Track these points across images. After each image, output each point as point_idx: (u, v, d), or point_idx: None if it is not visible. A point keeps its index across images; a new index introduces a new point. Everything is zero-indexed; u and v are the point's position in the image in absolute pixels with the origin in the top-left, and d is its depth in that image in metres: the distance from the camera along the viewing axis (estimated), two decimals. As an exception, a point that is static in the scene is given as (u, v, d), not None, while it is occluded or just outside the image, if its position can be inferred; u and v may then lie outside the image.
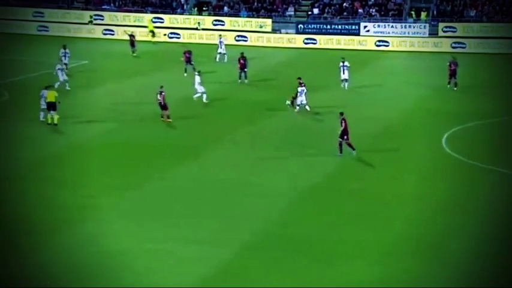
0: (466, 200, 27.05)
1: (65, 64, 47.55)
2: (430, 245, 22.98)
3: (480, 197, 27.43)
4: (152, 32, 64.39)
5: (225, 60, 53.90)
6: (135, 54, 57.03)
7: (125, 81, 47.76)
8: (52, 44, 50.28)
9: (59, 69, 43.22)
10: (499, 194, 27.68)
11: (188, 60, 49.25)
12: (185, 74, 48.33)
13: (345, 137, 31.36)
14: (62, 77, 42.96)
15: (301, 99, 38.87)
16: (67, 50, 48.77)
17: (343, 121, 31.35)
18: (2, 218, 24.48)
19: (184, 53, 49.71)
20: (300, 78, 39.51)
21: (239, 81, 47.00)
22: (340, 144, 31.48)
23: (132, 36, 57.90)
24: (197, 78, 40.95)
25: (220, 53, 54.61)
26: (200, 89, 40.75)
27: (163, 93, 36.76)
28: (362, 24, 63.76)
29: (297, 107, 39.08)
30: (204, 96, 40.82)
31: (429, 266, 21.51)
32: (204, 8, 69.74)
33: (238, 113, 39.68)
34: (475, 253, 22.59)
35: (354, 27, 63.97)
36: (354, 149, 31.56)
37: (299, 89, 38.95)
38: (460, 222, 24.77)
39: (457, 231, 24.05)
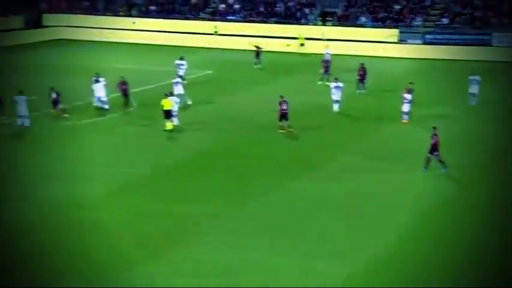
0: None
1: (180, 76, 47.40)
2: None
3: None
4: (302, 44, 64.31)
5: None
6: (260, 66, 56.49)
7: (248, 91, 47.74)
8: (177, 54, 50.80)
9: (175, 82, 41.84)
10: None
11: (327, 70, 49.37)
12: (319, 83, 48.96)
13: (436, 152, 30.06)
14: (178, 91, 41.21)
15: (405, 107, 37.91)
16: (183, 62, 48.68)
17: (434, 136, 30.11)
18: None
19: (321, 62, 50.35)
20: (410, 84, 38.99)
21: (357, 91, 46.06)
22: (428, 160, 30.25)
23: (258, 47, 57.66)
24: (334, 86, 40.73)
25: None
26: (336, 97, 40.58)
27: (286, 102, 36.28)
28: (494, 35, 61.23)
29: (404, 116, 38.16)
30: (336, 106, 40.73)
31: None
32: (328, 18, 69.01)
33: (356, 124, 38.93)
34: None
35: (485, 37, 61.48)
36: (444, 166, 30.15)
37: (406, 96, 37.94)
38: None
39: None
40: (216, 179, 29.66)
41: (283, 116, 36.24)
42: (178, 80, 42.38)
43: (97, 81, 41.19)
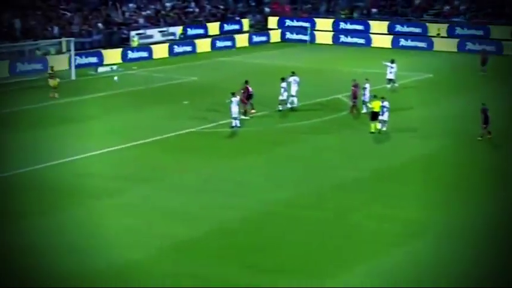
0: None
1: (390, 80, 47.64)
2: None
3: None
4: None
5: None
6: (484, 73, 54.21)
7: (461, 96, 46.35)
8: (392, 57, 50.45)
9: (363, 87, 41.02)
10: None
11: None
12: None
13: None
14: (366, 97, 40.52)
15: None
16: (393, 65, 48.09)
17: None
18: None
19: None
20: None
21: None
22: None
23: (484, 52, 55.43)
24: None
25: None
26: None
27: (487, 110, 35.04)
28: None
29: None
30: None
31: None
32: None
33: None
34: None
35: None
36: None
37: None
38: None
39: None
40: (427, 187, 29.21)
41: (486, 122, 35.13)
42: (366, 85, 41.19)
43: (285, 79, 41.47)
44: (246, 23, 74.62)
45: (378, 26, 71.20)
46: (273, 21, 76.30)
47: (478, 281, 21.24)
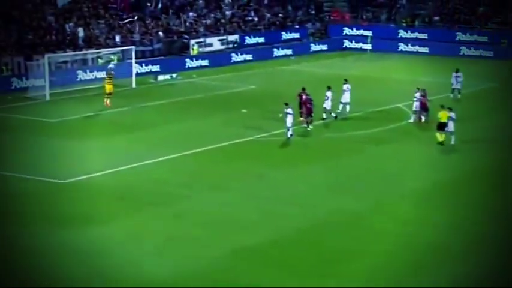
0: None
1: (455, 89, 47.17)
2: None
3: None
4: None
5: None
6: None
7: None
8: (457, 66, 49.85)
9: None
10: None
11: None
12: None
13: None
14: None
15: None
16: (459, 74, 47.54)
17: None
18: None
19: None
20: None
21: None
22: None
23: None
24: None
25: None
26: None
27: None
28: None
29: None
30: None
31: None
32: None
33: None
34: None
35: None
36: None
37: None
38: None
39: None
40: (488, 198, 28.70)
41: None
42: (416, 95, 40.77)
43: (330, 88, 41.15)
44: (305, 31, 74.59)
45: (440, 34, 70.36)
46: (332, 30, 76.12)
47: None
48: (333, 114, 41.36)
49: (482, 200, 28.75)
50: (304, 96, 39.52)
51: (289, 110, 36.75)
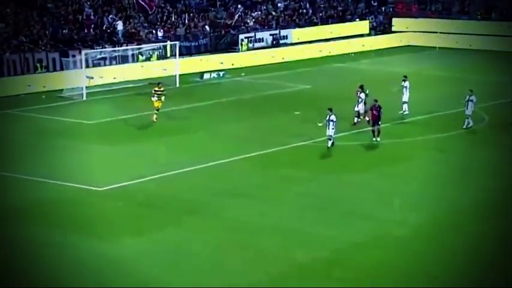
0: None
1: None
2: None
3: None
4: None
5: None
6: None
7: None
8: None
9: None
10: None
11: None
12: None
13: None
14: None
15: None
16: None
17: None
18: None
19: None
20: None
21: None
22: None
23: None
24: None
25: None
26: None
27: None
28: None
29: None
30: None
31: None
32: None
33: None
34: None
35: None
36: None
37: None
38: None
39: None
40: None
41: None
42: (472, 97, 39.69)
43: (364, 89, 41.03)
44: (366, 25, 74.61)
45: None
46: (397, 23, 75.87)
47: None
48: (367, 118, 40.05)
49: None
50: (362, 95, 39.26)
51: (333, 117, 35.97)
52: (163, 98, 41.63)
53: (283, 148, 37.12)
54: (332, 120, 35.81)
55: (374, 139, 37.21)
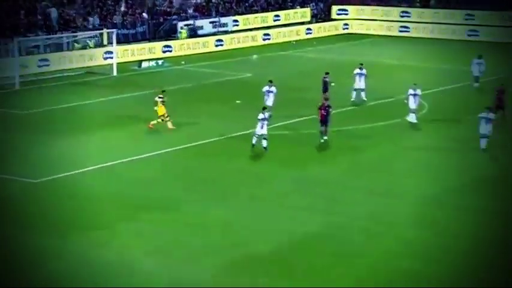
0: None
1: (476, 77, 46.83)
2: None
3: None
4: None
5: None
6: None
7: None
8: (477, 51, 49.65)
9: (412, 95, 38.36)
10: None
11: None
12: None
13: None
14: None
15: None
16: (481, 60, 47.11)
17: None
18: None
19: None
20: None
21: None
22: None
23: None
24: None
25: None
26: None
27: None
28: None
29: None
30: None
31: None
32: None
33: None
34: None
35: None
36: None
37: None
38: None
39: None
40: None
41: None
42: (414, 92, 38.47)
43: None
44: (308, 12, 74.28)
45: (452, 16, 70.15)
46: (337, 11, 75.88)
47: None
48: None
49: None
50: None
51: (266, 115, 33.87)
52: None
53: (225, 137, 36.44)
54: (265, 119, 33.79)
55: (322, 140, 35.48)
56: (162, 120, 37.58)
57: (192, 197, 28.54)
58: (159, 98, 37.69)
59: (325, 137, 35.50)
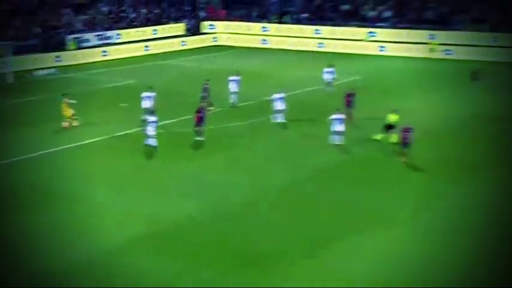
0: None
1: (329, 83, 48.05)
2: None
3: None
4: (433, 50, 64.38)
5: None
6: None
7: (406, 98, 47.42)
8: (326, 60, 51.71)
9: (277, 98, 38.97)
10: None
11: None
12: None
13: None
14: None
15: None
16: (332, 69, 48.14)
17: None
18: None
19: None
20: None
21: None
22: None
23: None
24: None
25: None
26: None
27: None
28: None
29: None
30: None
31: None
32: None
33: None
34: None
35: None
36: None
37: None
38: None
39: None
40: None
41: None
42: (279, 95, 38.86)
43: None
44: (182, 27, 75.10)
45: (307, 31, 72.67)
46: (206, 26, 77.18)
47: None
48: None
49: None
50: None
51: (153, 118, 33.61)
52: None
53: (113, 136, 36.67)
54: (152, 121, 33.34)
55: (198, 139, 35.19)
56: (72, 120, 37.47)
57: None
58: (67, 101, 37.55)
59: (202, 138, 35.12)
